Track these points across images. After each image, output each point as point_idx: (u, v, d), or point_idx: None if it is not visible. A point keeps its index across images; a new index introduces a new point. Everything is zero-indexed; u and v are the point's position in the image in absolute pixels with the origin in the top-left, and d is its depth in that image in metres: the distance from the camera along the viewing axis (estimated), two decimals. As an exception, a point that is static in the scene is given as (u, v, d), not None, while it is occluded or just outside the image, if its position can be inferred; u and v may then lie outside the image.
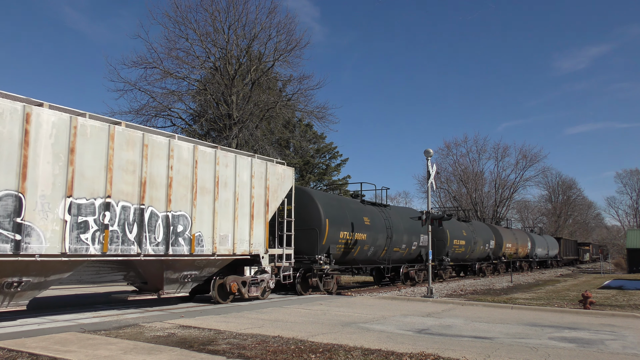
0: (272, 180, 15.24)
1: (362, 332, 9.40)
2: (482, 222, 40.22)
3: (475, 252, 31.23)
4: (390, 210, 23.16)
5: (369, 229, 20.11)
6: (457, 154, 64.96)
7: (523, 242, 41.76)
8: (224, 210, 13.34)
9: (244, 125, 28.00)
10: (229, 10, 28.93)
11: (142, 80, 27.60)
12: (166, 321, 10.37)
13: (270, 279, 15.10)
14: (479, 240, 31.61)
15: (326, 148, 42.36)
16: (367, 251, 20.28)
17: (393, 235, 21.68)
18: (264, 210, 14.83)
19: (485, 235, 33.40)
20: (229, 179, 13.61)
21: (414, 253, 24.16)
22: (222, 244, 13.22)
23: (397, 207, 27.49)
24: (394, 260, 22.62)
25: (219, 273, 13.91)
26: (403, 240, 22.78)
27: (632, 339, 9.33)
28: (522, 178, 66.15)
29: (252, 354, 7.19)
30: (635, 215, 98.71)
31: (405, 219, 23.43)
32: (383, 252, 21.45)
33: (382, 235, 20.98)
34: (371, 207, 21.78)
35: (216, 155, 13.26)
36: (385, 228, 21.32)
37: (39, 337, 8.23)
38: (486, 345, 8.24)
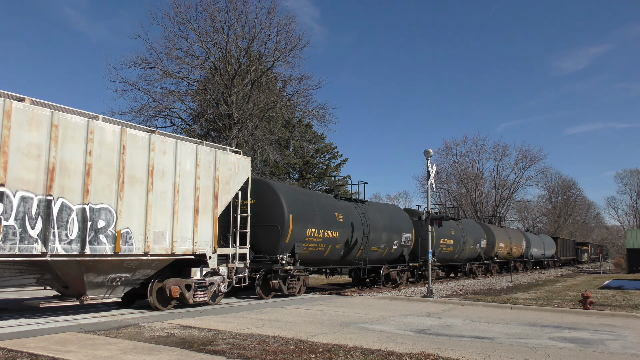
0: (223, 170, 13.62)
1: (362, 332, 9.40)
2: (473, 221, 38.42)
3: (465, 252, 29.65)
4: (367, 206, 21.41)
5: (341, 227, 18.49)
6: (457, 154, 64.97)
7: (517, 242, 40.22)
8: (160, 204, 11.68)
9: (244, 126, 28.00)
10: (228, 10, 28.93)
11: (141, 80, 27.60)
12: (166, 321, 10.37)
13: (223, 282, 13.49)
14: (468, 239, 29.99)
15: (326, 148, 42.37)
16: (339, 250, 18.66)
17: (370, 233, 20.03)
18: (212, 204, 13.18)
19: (476, 234, 31.77)
20: (167, 168, 11.98)
21: (395, 253, 22.59)
22: (158, 242, 11.59)
23: (377, 203, 25.62)
24: (372, 261, 21.07)
25: (159, 275, 12.18)
26: (382, 239, 21.10)
27: (632, 339, 9.33)
28: (521, 178, 66.17)
29: (252, 354, 7.19)
30: (635, 215, 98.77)
31: (386, 216, 21.97)
32: (359, 252, 19.76)
33: (357, 234, 19.33)
34: (346, 202, 20.11)
35: (150, 141, 11.60)
36: (361, 225, 19.65)
37: (39, 337, 8.23)
38: (486, 345, 8.24)
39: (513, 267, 38.87)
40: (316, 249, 17.37)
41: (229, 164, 13.94)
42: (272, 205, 15.90)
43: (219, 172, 13.55)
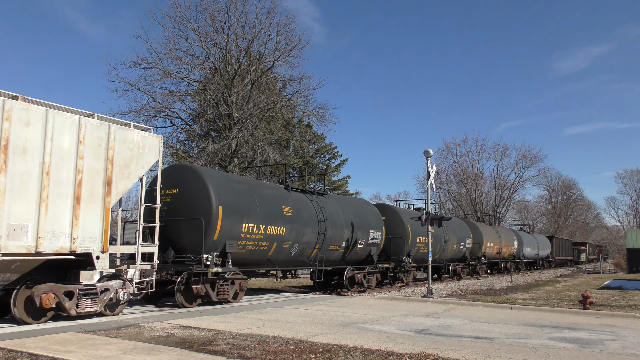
0: (120, 150, 11.16)
1: (362, 332, 9.40)
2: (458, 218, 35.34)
3: (448, 252, 27.11)
4: (327, 199, 18.83)
5: (291, 222, 15.92)
6: (456, 154, 64.92)
7: (508, 241, 37.71)
8: (19, 189, 9.29)
9: (244, 126, 28.00)
10: (228, 11, 28.95)
11: (141, 80, 27.60)
12: (166, 321, 10.37)
13: (123, 288, 11.06)
14: (451, 238, 27.39)
15: (326, 148, 42.37)
16: (288, 250, 16.14)
17: (328, 230, 17.55)
18: (102, 191, 10.66)
19: (460, 233, 29.15)
20: (31, 144, 9.55)
21: (361, 253, 20.05)
22: (15, 238, 9.16)
23: (340, 196, 23.22)
24: (332, 262, 18.70)
25: (28, 281, 9.80)
26: (344, 237, 18.61)
27: (632, 339, 9.33)
28: (521, 178, 66.10)
29: (252, 354, 7.19)
30: (635, 216, 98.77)
31: (349, 211, 19.37)
32: (314, 251, 17.29)
33: (311, 230, 16.81)
34: (298, 194, 17.44)
35: (4, 108, 9.16)
36: (316, 221, 17.08)
37: (39, 337, 8.23)
38: (486, 346, 8.24)
39: (504, 268, 36.88)
40: (256, 247, 14.78)
41: (129, 142, 11.41)
42: (197, 194, 13.28)
43: (114, 151, 11.03)
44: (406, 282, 23.19)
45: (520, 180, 65.88)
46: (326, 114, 31.13)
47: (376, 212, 21.72)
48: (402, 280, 22.96)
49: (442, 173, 62.88)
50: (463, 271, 29.77)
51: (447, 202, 63.84)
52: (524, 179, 66.17)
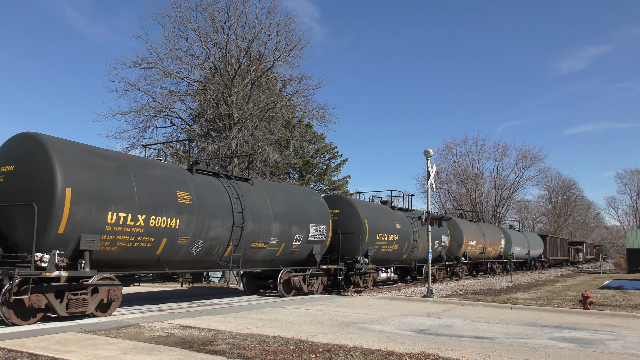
0: None
1: (362, 332, 9.40)
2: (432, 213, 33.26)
3: (418, 252, 24.11)
4: (251, 185, 15.59)
5: (189, 211, 12.56)
6: (456, 154, 64.95)
7: (494, 240, 34.48)
8: None
9: (244, 126, 28.00)
10: (228, 11, 28.93)
11: (141, 80, 27.57)
12: (166, 321, 10.37)
13: None
14: (423, 235, 23.81)
15: (326, 148, 42.36)
16: (186, 247, 12.72)
17: (248, 223, 14.38)
18: None
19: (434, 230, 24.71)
20: None
21: (299, 251, 16.94)
22: None
23: (271, 183, 20.06)
24: (258, 262, 15.67)
25: None
26: (272, 232, 15.35)
27: (632, 339, 9.33)
28: (521, 178, 66.11)
29: (252, 354, 7.19)
30: (635, 215, 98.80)
31: (281, 201, 16.24)
32: (227, 250, 14.02)
33: (221, 223, 13.57)
34: (206, 178, 14.08)
35: None
36: (230, 211, 13.87)
37: (39, 337, 8.24)
38: (486, 346, 8.25)
39: (489, 269, 34.35)
40: (134, 244, 11.35)
41: None
42: (36, 171, 10.23)
43: None
44: (364, 286, 20.13)
45: (520, 180, 65.94)
46: (326, 114, 31.13)
47: (321, 203, 18.51)
48: (357, 284, 19.72)
49: (442, 173, 62.97)
50: (439, 273, 26.85)
51: (447, 202, 63.91)
52: (524, 179, 66.22)
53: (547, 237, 50.94)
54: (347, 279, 19.41)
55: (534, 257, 45.63)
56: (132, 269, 12.10)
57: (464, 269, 30.07)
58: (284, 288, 16.42)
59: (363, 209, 19.94)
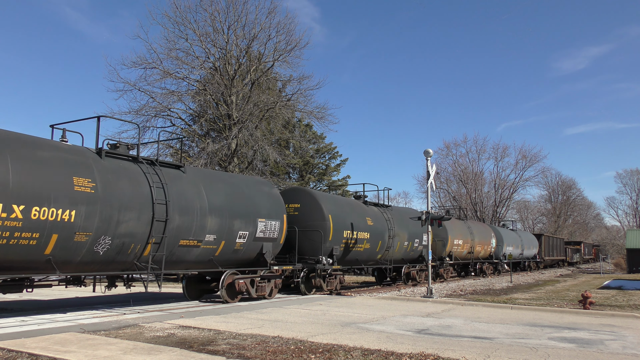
0: None
1: (362, 332, 9.40)
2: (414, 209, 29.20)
3: (395, 251, 22.20)
4: (182, 173, 13.33)
5: (91, 202, 10.55)
6: (456, 154, 65.02)
7: (483, 239, 32.34)
8: None
9: (244, 126, 28.01)
10: (228, 11, 28.97)
11: (141, 80, 27.62)
12: (166, 321, 10.38)
13: None
14: (400, 233, 22.38)
15: (326, 148, 42.37)
16: (87, 245, 10.61)
17: (174, 216, 12.28)
18: None
19: (414, 228, 23.90)
20: None
21: (246, 251, 14.72)
22: None
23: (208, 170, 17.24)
24: (191, 263, 13.40)
25: None
26: (207, 228, 13.20)
27: (631, 339, 9.34)
28: (521, 178, 66.19)
29: (252, 354, 7.19)
30: (635, 215, 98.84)
31: (220, 191, 14.09)
32: (147, 249, 11.81)
33: (136, 216, 11.40)
34: (123, 163, 11.93)
35: None
36: (150, 203, 11.70)
37: (39, 337, 8.23)
38: (486, 346, 8.25)
39: (478, 271, 32.24)
40: (6, 241, 9.33)
41: None
42: None
43: None
44: (328, 289, 18.12)
45: (520, 180, 66.00)
46: (326, 114, 31.18)
47: (274, 195, 16.14)
48: (320, 287, 17.67)
49: (442, 173, 63.01)
50: (419, 274, 24.71)
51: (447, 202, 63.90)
52: (524, 179, 66.30)
53: (542, 236, 49.13)
54: (309, 281, 17.57)
55: (529, 258, 43.79)
56: (12, 272, 9.92)
57: (449, 270, 28.01)
58: (227, 293, 14.28)
59: (327, 203, 18.08)
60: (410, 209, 27.75)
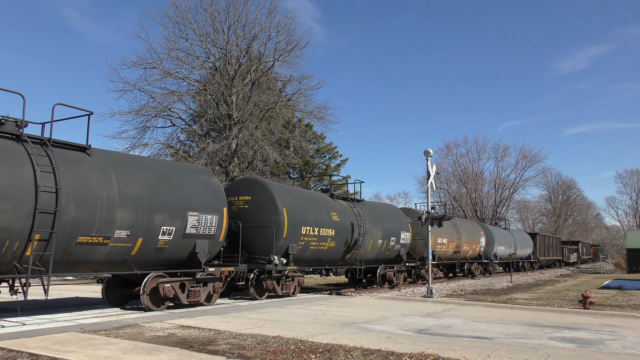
0: None
1: (362, 332, 9.40)
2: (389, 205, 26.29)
3: (367, 250, 19.89)
4: (86, 156, 11.09)
5: None
6: (456, 154, 65.04)
7: (471, 237, 30.06)
8: None
9: (244, 126, 28.02)
10: (228, 11, 28.98)
11: (142, 80, 27.63)
12: (166, 321, 10.38)
13: None
14: (374, 230, 20.27)
15: (326, 148, 42.40)
16: None
17: (70, 208, 10.12)
18: None
19: (390, 224, 21.69)
20: None
21: (173, 250, 12.40)
22: None
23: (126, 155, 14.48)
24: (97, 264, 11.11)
25: None
26: (116, 222, 10.92)
27: (632, 339, 9.33)
28: (522, 178, 66.24)
29: (252, 354, 7.20)
30: (635, 215, 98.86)
31: (139, 182, 11.82)
32: (29, 247, 9.61)
33: (12, 207, 9.29)
34: None
35: None
36: (33, 191, 9.61)
37: (39, 337, 8.24)
38: (486, 346, 8.25)
39: (467, 271, 30.67)
40: None
41: None
42: None
43: None
44: (284, 292, 16.01)
45: (520, 180, 66.05)
46: (326, 114, 31.20)
47: (212, 185, 13.81)
48: (273, 290, 15.57)
49: (442, 173, 63.03)
50: (397, 276, 22.54)
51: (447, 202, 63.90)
52: (524, 179, 66.35)
53: (537, 235, 46.98)
54: (261, 284, 15.33)
55: (522, 258, 41.92)
56: None
57: (432, 271, 25.90)
58: (151, 299, 12.01)
59: (282, 195, 16.02)
60: (388, 205, 25.55)
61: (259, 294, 15.45)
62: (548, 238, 51.74)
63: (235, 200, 15.80)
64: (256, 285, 15.35)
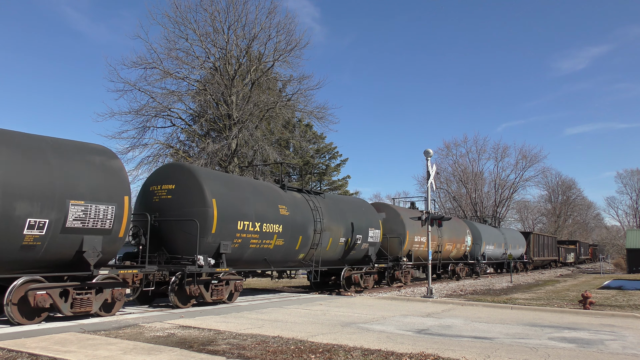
0: None
1: (362, 332, 9.40)
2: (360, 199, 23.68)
3: (325, 250, 17.53)
4: None
5: None
6: (456, 154, 64.99)
7: (455, 236, 27.51)
8: None
9: (244, 126, 28.01)
10: (228, 11, 28.96)
11: (141, 80, 27.58)
12: (166, 321, 10.37)
13: None
14: (335, 227, 17.94)
15: (326, 148, 42.38)
16: None
17: None
18: None
19: (358, 220, 19.35)
20: None
21: (46, 247, 9.91)
22: None
23: None
24: None
25: None
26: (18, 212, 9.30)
27: (632, 339, 9.33)
28: (521, 178, 66.18)
29: (252, 354, 7.19)
30: (635, 216, 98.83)
31: None
32: None
33: None
34: None
35: None
36: None
37: (39, 337, 8.23)
38: (486, 346, 8.24)
39: (451, 273, 28.28)
40: None
41: None
42: None
43: None
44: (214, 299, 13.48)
45: (520, 180, 66.00)
46: (326, 114, 31.17)
47: (111, 168, 11.27)
48: (200, 296, 13.21)
49: (442, 173, 63.00)
50: (365, 279, 19.96)
51: (447, 202, 63.91)
52: (524, 179, 66.30)
53: (531, 234, 44.66)
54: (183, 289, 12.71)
55: (515, 258, 39.31)
56: None
57: (407, 273, 22.59)
58: (19, 309, 9.62)
59: (213, 183, 13.71)
60: (355, 199, 22.97)
61: (181, 301, 12.87)
62: (543, 237, 49.60)
63: (157, 189, 13.61)
64: (178, 291, 12.73)
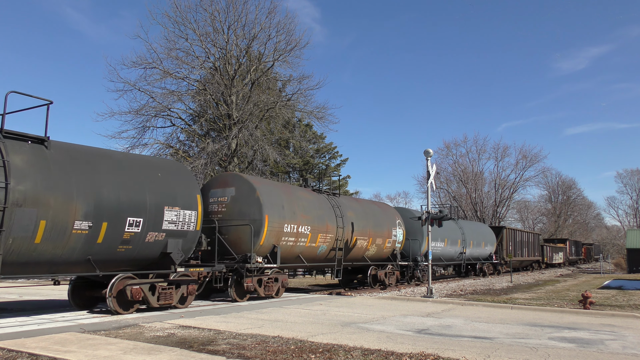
0: None
1: (362, 332, 9.40)
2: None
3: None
4: None
5: None
6: (456, 154, 64.93)
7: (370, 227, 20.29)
8: None
9: (244, 126, 28.01)
10: (228, 11, 28.96)
11: (141, 80, 27.59)
12: (166, 321, 10.37)
13: None
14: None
15: (326, 148, 42.39)
16: None
17: None
18: None
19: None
20: None
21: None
22: None
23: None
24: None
25: None
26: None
27: (632, 339, 9.33)
28: (522, 178, 66.09)
29: (252, 354, 7.19)
30: (635, 215, 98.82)
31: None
32: None
33: None
34: None
35: None
36: None
37: (39, 337, 8.23)
38: (486, 345, 8.24)
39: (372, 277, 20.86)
40: None
41: None
42: None
43: None
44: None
45: (520, 180, 65.91)
46: (326, 114, 31.17)
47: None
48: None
49: (442, 173, 62.96)
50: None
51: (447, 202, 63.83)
52: (524, 179, 66.20)
53: (503, 229, 37.20)
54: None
55: (479, 258, 32.42)
56: None
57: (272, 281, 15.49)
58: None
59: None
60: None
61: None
62: (520, 233, 41.61)
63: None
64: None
